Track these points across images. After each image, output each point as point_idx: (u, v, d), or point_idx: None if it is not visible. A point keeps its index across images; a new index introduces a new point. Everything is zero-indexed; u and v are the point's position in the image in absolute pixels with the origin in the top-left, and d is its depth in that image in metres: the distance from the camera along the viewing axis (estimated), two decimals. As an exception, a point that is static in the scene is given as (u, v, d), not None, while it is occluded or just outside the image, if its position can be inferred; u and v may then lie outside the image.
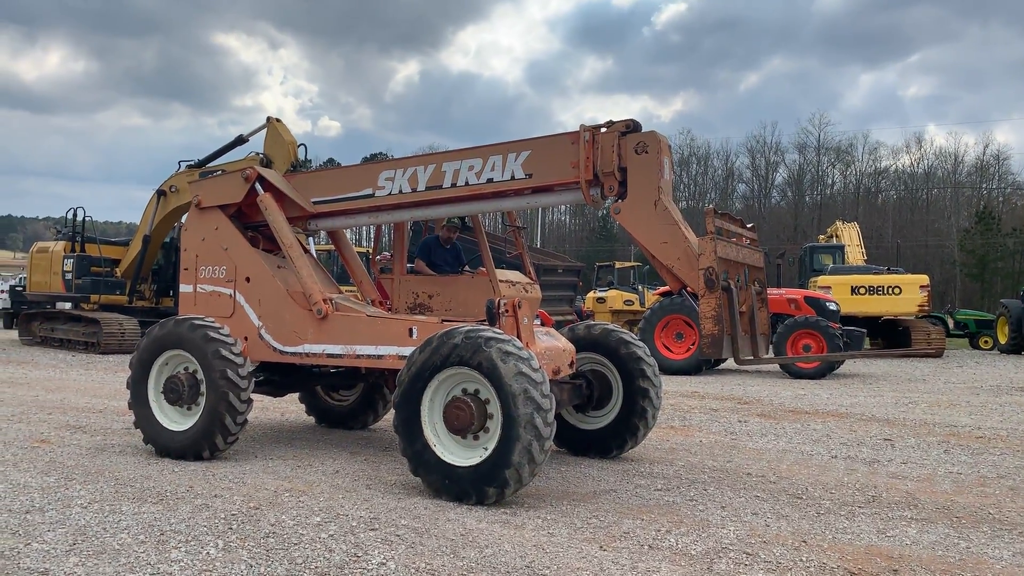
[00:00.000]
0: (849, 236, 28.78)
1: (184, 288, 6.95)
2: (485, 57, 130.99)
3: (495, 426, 5.02)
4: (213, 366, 6.07)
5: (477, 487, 4.99)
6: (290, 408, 9.47)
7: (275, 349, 6.44)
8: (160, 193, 17.92)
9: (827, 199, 68.34)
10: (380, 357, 6.02)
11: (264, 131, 15.00)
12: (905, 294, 20.26)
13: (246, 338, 6.53)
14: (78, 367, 14.73)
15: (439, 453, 5.16)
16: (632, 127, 5.38)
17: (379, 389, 7.96)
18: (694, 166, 73.96)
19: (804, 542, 4.46)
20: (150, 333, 6.47)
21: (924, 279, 21.11)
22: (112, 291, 19.04)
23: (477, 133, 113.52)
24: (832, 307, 16.33)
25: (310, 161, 17.35)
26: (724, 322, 4.99)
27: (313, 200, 6.63)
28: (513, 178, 5.73)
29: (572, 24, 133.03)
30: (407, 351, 5.62)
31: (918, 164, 68.37)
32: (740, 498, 5.48)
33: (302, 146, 15.28)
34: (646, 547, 4.30)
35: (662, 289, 16.79)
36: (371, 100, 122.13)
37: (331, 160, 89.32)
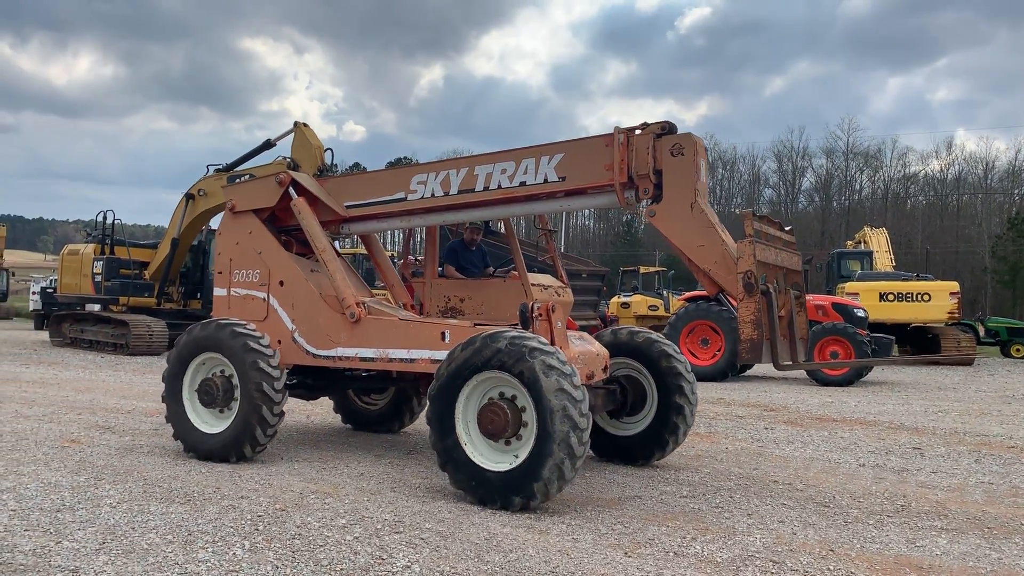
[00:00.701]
0: (877, 242, 28.48)
1: (218, 291, 6.99)
2: (509, 62, 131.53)
3: (528, 436, 5.01)
4: (250, 377, 6.10)
5: (504, 494, 4.98)
6: (316, 411, 9.53)
7: (308, 352, 6.47)
8: (188, 197, 18.09)
9: (855, 204, 67.63)
10: (412, 361, 6.02)
11: (291, 135, 15.10)
12: (935, 301, 19.99)
13: (279, 341, 6.56)
14: (107, 368, 14.92)
15: (469, 453, 5.16)
16: (668, 129, 5.34)
17: (409, 394, 7.97)
18: (720, 171, 73.53)
19: (831, 551, 4.41)
20: (191, 332, 6.51)
21: (954, 286, 20.81)
22: (140, 293, 19.24)
23: (501, 138, 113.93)
24: (860, 314, 16.15)
25: (336, 166, 17.48)
26: (763, 327, 4.92)
27: (346, 204, 6.65)
28: (546, 181, 5.71)
29: (596, 28, 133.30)
30: (440, 355, 5.65)
31: (948, 169, 67.52)
32: (767, 506, 5.43)
33: (328, 150, 15.32)
34: (671, 554, 4.28)
35: (688, 295, 16.69)
36: (395, 105, 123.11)
37: (357, 164, 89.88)
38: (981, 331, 26.16)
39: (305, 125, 16.05)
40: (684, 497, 5.64)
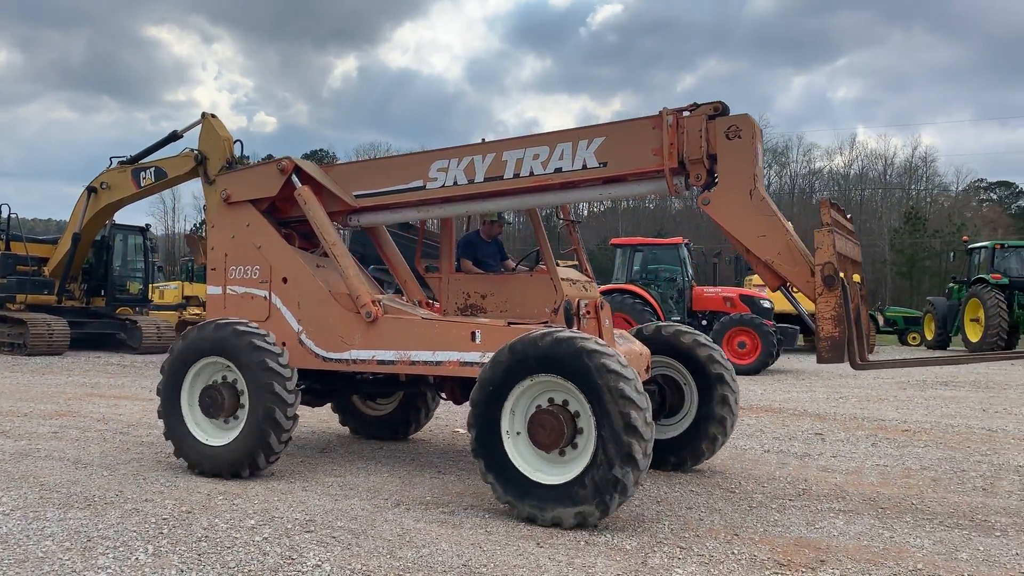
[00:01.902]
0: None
1: (212, 290, 6.47)
2: (424, 54, 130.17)
3: (586, 445, 4.58)
4: (258, 378, 5.56)
5: (557, 509, 4.56)
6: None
7: (318, 356, 5.96)
8: (91, 190, 17.29)
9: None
10: (438, 363, 5.55)
11: (199, 127, 14.70)
12: (837, 292, 20.78)
13: (284, 344, 6.02)
14: (3, 369, 14.23)
15: (517, 464, 4.73)
16: (720, 110, 4.99)
17: (420, 397, 7.51)
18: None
19: (736, 535, 4.56)
20: (187, 335, 5.93)
21: (856, 276, 21.70)
22: (40, 291, 18.43)
23: (418, 131, 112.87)
24: (766, 305, 16.69)
25: (247, 157, 17.05)
26: (845, 324, 4.57)
27: (355, 193, 6.13)
28: (585, 167, 5.29)
29: (511, 23, 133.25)
30: (470, 357, 5.39)
31: (850, 165, 70.34)
32: (675, 492, 5.57)
33: (238, 142, 14.97)
34: (582, 543, 4.34)
35: (604, 287, 16.89)
36: (308, 96, 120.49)
37: (269, 156, 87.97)
38: (881, 320, 27.38)
39: (213, 116, 15.61)
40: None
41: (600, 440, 4.46)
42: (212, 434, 5.84)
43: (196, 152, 10.34)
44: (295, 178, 6.14)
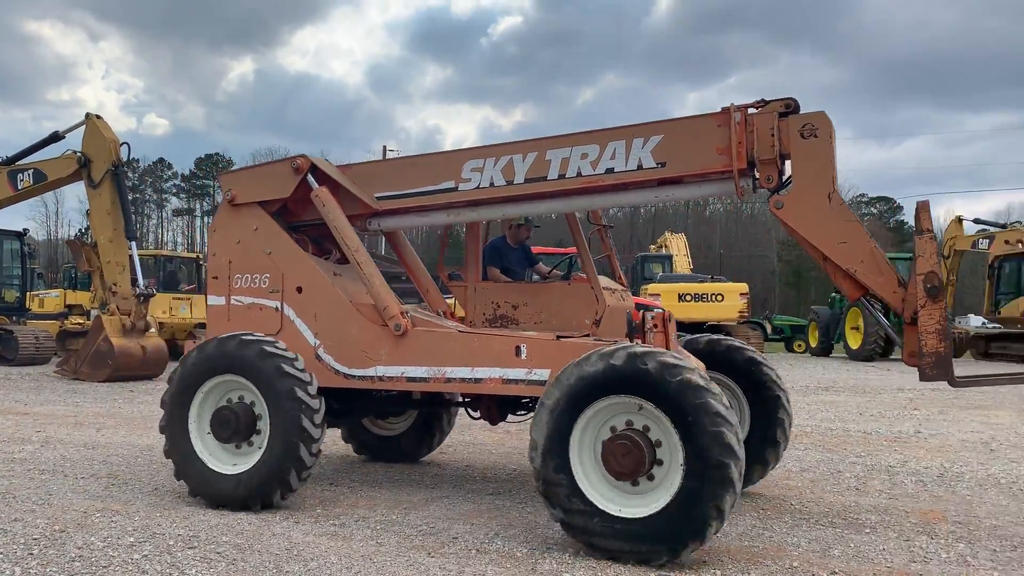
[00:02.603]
0: (677, 246, 30.41)
1: (213, 300, 5.86)
2: (324, 59, 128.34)
3: (670, 473, 4.12)
4: (285, 408, 5.00)
5: (643, 545, 4.10)
6: (105, 422, 8.90)
7: (338, 372, 5.41)
8: (-37, 192, 16.37)
9: (660, 211, 71.67)
10: (478, 381, 5.06)
11: (83, 128, 14.09)
12: (727, 301, 21.60)
13: None
14: None
15: (589, 495, 4.25)
16: (792, 107, 4.64)
17: (437, 415, 6.92)
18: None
19: (625, 539, 4.65)
20: (203, 349, 5.33)
21: (744, 287, 22.60)
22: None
23: (318, 136, 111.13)
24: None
25: (137, 160, 16.40)
26: (949, 338, 4.30)
27: (377, 195, 5.62)
28: (640, 167, 4.89)
29: (412, 30, 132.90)
30: (515, 374, 4.94)
31: (742, 179, 72.98)
32: (568, 499, 5.64)
33: (125, 144, 14.42)
34: (474, 551, 4.35)
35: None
36: (202, 98, 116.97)
37: (161, 160, 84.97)
38: (768, 328, 28.51)
39: (98, 117, 14.98)
40: (490, 495, 5.76)
41: (692, 464, 4.00)
42: (223, 460, 5.24)
43: (79, 154, 9.60)
44: (311, 178, 5.59)
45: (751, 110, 4.66)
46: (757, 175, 4.72)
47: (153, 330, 15.07)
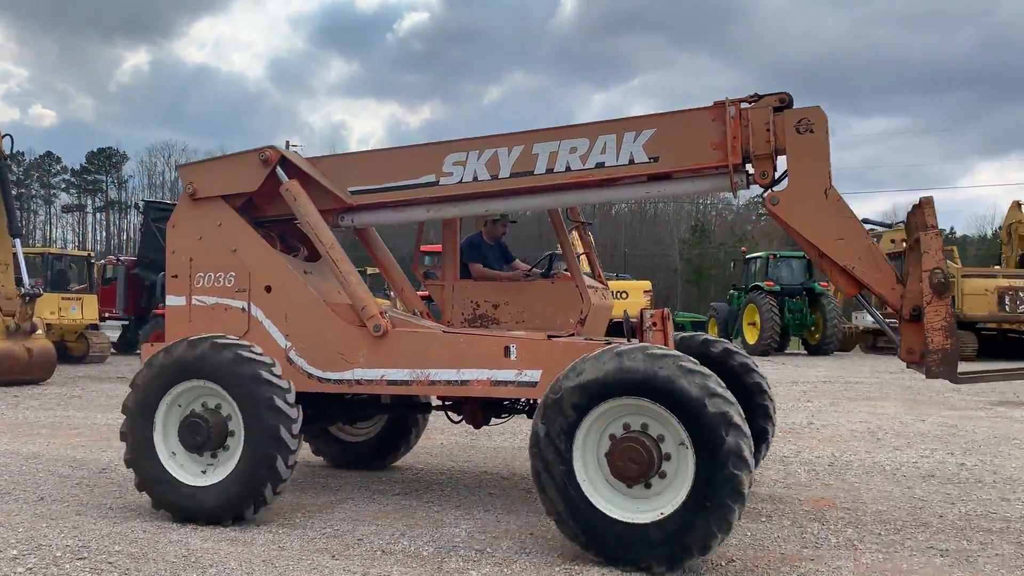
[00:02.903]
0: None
1: (173, 300, 5.51)
2: (224, 51, 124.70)
3: (679, 475, 4.02)
4: (261, 418, 4.70)
5: (653, 550, 3.98)
6: (-10, 430, 8.41)
7: (312, 376, 5.15)
8: None
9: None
10: (465, 383, 4.88)
11: (-40, 118, 13.32)
12: (631, 298, 22.00)
13: None
14: None
15: (595, 501, 4.11)
16: (786, 102, 4.57)
17: (410, 418, 6.65)
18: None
19: (531, 534, 4.69)
20: (171, 351, 4.97)
21: (647, 284, 23.16)
22: None
23: (217, 130, 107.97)
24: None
25: (21, 153, 15.65)
26: (956, 335, 4.23)
27: (351, 189, 5.36)
28: (632, 162, 4.77)
29: (316, 24, 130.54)
30: (504, 375, 4.79)
31: (646, 179, 74.63)
32: (475, 496, 5.66)
33: (7, 136, 13.71)
34: (379, 552, 4.31)
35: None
36: (93, 89, 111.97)
37: (49, 154, 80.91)
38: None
39: (-23, 107, 14.21)
40: (396, 495, 5.71)
41: (703, 467, 3.91)
42: (192, 471, 4.94)
43: (-47, 146, 9.07)
44: (280, 171, 5.30)
45: (744, 104, 4.61)
46: (751, 171, 4.67)
47: (40, 332, 14.32)
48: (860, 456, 7.31)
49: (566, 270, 6.25)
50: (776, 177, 4.61)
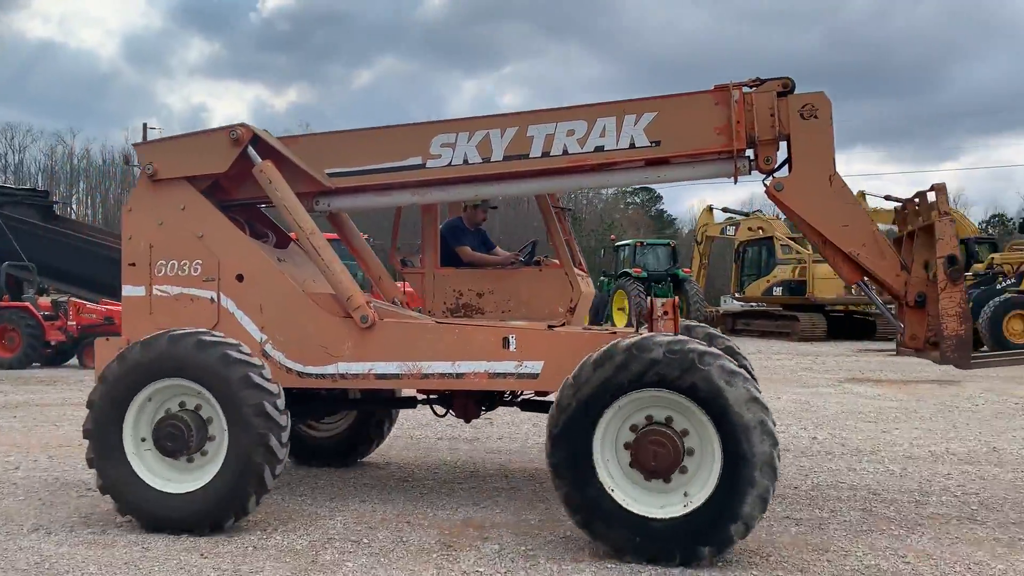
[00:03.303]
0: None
1: (131, 291, 5.08)
2: (72, 26, 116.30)
3: (705, 465, 3.95)
4: (243, 399, 4.37)
5: (684, 545, 3.89)
6: None
7: (291, 371, 4.84)
8: None
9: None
10: (460, 376, 4.69)
11: None
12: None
13: None
14: None
15: (620, 501, 4.00)
16: (789, 87, 4.50)
17: (377, 415, 6.36)
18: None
19: (407, 523, 4.68)
20: (124, 358, 4.53)
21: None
22: None
23: (65, 110, 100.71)
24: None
25: None
26: (969, 320, 4.26)
27: (329, 171, 5.05)
28: (633, 146, 4.62)
29: (174, 1, 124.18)
30: (503, 367, 4.62)
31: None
32: (350, 487, 5.59)
33: None
34: (251, 548, 4.19)
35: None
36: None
37: None
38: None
39: None
40: (272, 492, 5.55)
41: (731, 454, 3.84)
42: (172, 479, 4.54)
43: None
44: (252, 151, 4.93)
45: (746, 89, 4.55)
46: (754, 156, 4.61)
47: None
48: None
49: (546, 256, 6.21)
50: (778, 164, 4.60)
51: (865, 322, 23.77)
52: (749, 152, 4.60)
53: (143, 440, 4.55)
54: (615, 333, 4.68)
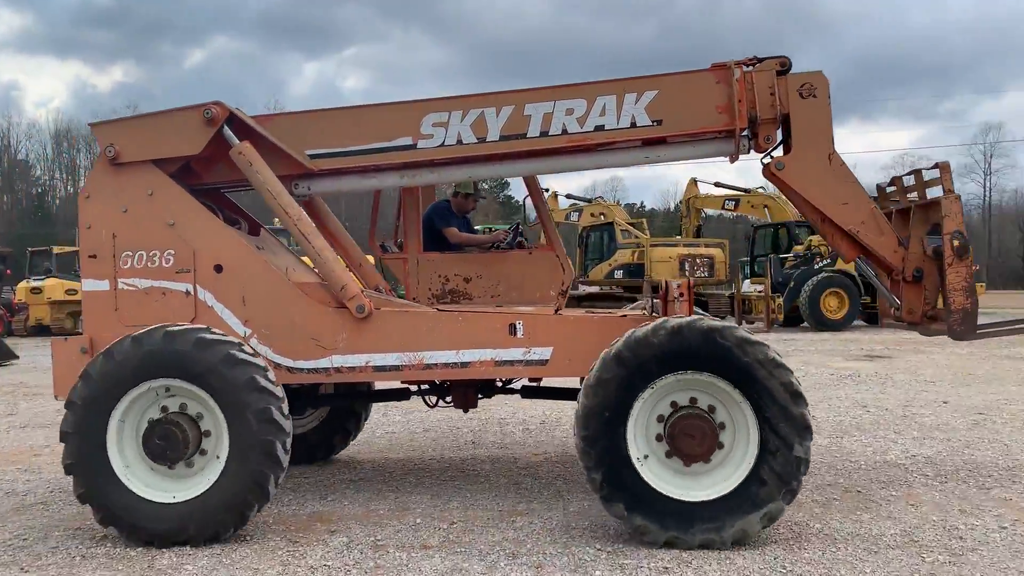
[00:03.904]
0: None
1: (92, 284, 4.62)
2: None
3: (737, 449, 4.00)
4: (248, 403, 4.06)
5: (715, 528, 3.91)
6: None
7: (279, 366, 4.50)
8: None
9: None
10: (466, 365, 4.52)
11: None
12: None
13: None
14: None
15: (652, 483, 3.98)
16: (787, 66, 4.48)
17: (351, 409, 6.05)
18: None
19: (251, 521, 4.52)
20: (111, 354, 4.12)
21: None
22: None
23: None
24: None
25: None
26: (975, 295, 4.37)
27: (310, 152, 4.71)
28: (634, 125, 4.52)
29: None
30: (510, 354, 4.48)
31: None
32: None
33: None
34: (78, 559, 3.95)
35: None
36: None
37: None
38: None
39: None
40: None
41: (765, 439, 3.92)
42: (163, 488, 4.17)
43: None
44: (229, 131, 4.57)
45: (746, 67, 4.51)
46: (753, 135, 4.58)
47: None
48: (567, 413, 7.90)
49: (524, 238, 6.17)
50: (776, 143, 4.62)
51: (699, 301, 25.11)
52: (755, 131, 4.60)
53: (129, 445, 4.21)
54: (624, 316, 4.70)
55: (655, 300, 4.81)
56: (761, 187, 28.45)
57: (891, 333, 18.55)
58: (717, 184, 27.33)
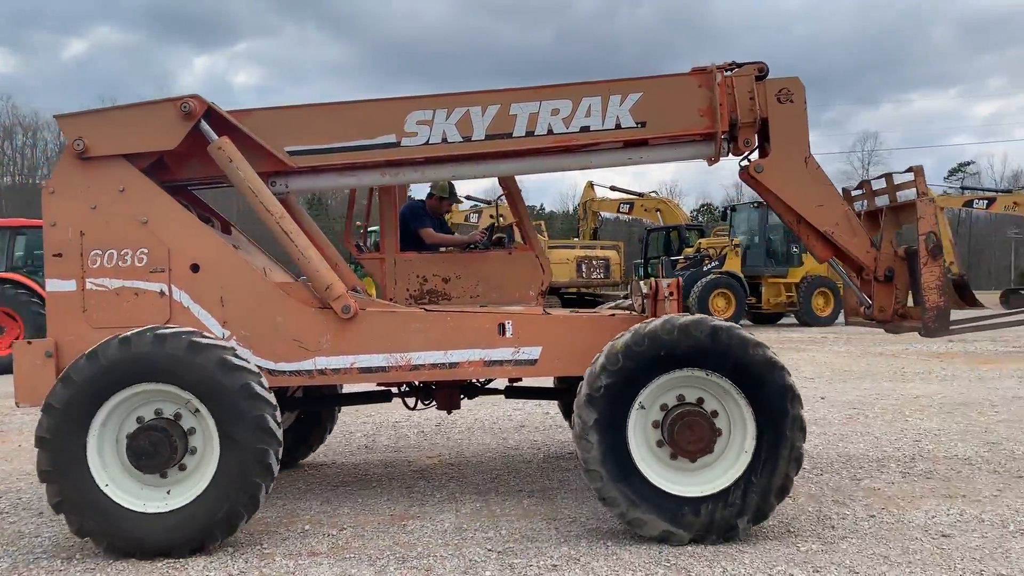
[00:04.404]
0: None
1: (58, 285, 4.38)
2: None
3: (732, 448, 4.10)
4: (242, 411, 3.92)
5: (712, 526, 4.00)
6: None
7: (261, 369, 4.23)
8: None
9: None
10: (454, 365, 4.46)
11: None
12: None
13: None
14: None
15: (651, 479, 4.04)
16: (764, 71, 4.56)
17: (319, 414, 5.95)
18: (21, 138, 65.73)
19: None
20: (96, 356, 3.91)
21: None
22: None
23: None
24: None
25: None
26: (948, 293, 4.48)
27: (290, 149, 4.55)
28: (618, 127, 4.54)
29: None
30: (499, 354, 4.45)
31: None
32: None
33: None
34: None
35: None
36: None
37: None
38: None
39: None
40: (-40, 510, 4.92)
41: (762, 441, 4.01)
42: (148, 497, 3.99)
43: None
44: (206, 126, 4.39)
45: (726, 72, 4.60)
46: (733, 139, 4.65)
47: None
48: (464, 415, 7.91)
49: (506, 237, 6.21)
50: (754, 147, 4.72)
51: (595, 301, 25.60)
52: (734, 135, 4.70)
53: (111, 452, 4.00)
54: (614, 315, 4.74)
55: (644, 299, 4.91)
56: (654, 191, 29.21)
57: (774, 332, 19.36)
58: (613, 188, 27.92)
